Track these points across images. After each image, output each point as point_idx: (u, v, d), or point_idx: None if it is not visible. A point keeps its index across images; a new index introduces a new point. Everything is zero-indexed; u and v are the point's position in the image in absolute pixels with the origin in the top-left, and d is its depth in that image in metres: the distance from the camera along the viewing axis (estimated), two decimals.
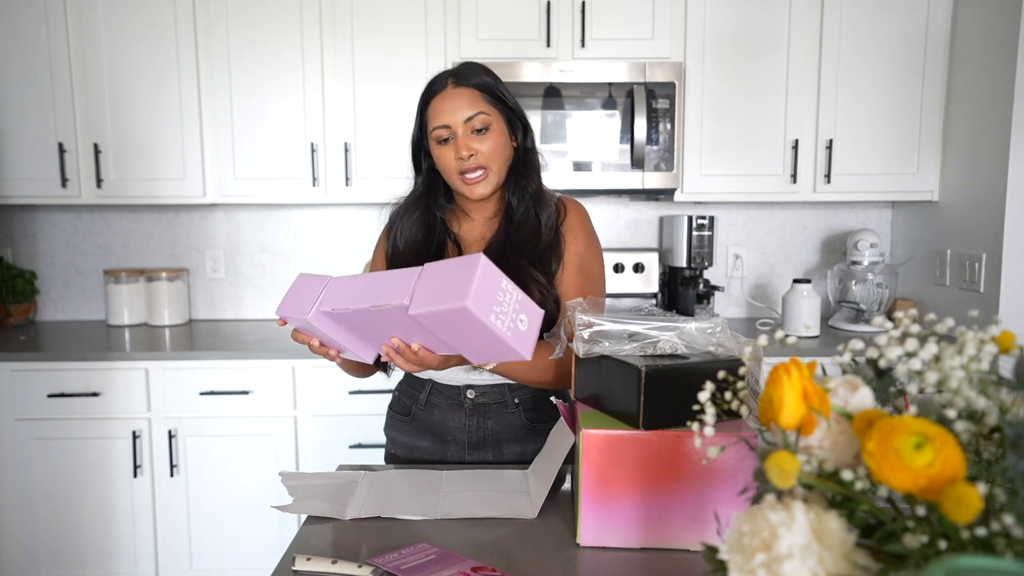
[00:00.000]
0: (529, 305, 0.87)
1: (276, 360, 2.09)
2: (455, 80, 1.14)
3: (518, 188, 1.19)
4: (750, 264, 2.68)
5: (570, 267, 1.19)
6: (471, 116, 1.12)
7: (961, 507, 0.40)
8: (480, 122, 1.13)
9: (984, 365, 0.49)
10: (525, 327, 0.85)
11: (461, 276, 0.81)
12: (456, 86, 1.14)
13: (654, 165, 2.24)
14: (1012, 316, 2.00)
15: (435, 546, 0.85)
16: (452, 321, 0.81)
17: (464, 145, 1.12)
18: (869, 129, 2.31)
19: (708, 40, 2.27)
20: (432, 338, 0.88)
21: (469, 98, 1.13)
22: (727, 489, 0.81)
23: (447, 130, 1.13)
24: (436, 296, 0.81)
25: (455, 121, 1.12)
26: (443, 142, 1.15)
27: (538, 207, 1.19)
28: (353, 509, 0.94)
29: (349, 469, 1.14)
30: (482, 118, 1.13)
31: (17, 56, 2.23)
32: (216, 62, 2.26)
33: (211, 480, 2.12)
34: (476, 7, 2.24)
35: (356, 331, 0.93)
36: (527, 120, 1.21)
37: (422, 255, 1.19)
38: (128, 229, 2.63)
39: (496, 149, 1.14)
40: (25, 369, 2.06)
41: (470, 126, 1.12)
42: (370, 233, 2.63)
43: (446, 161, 1.15)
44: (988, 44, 2.08)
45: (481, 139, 1.13)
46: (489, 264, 0.84)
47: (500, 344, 0.83)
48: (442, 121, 1.13)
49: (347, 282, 0.92)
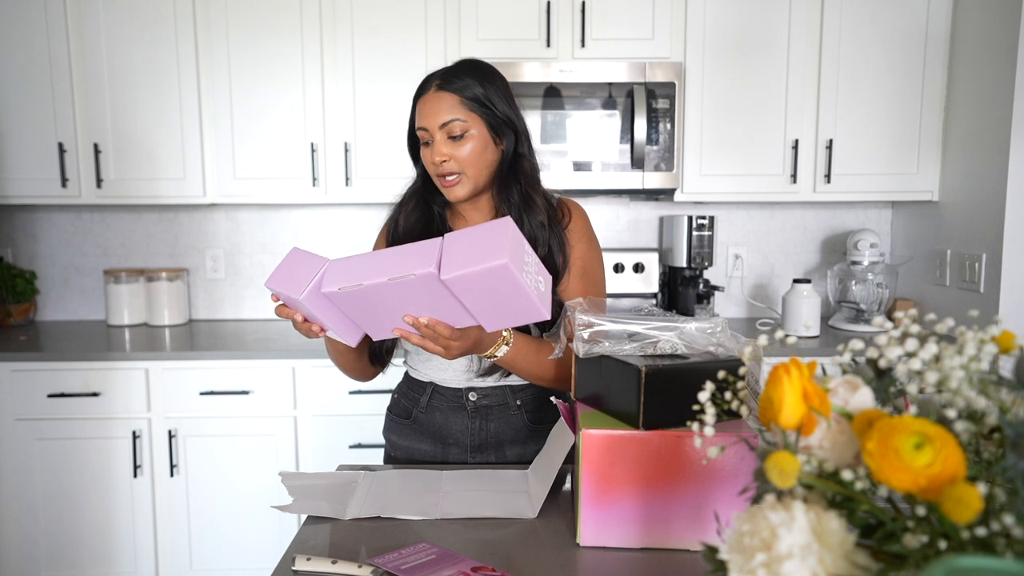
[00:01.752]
0: (543, 269, 0.91)
1: (276, 360, 2.09)
2: (439, 83, 1.14)
3: (501, 194, 1.18)
4: (750, 264, 2.68)
5: (574, 271, 1.19)
6: (446, 122, 1.12)
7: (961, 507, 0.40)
8: (457, 128, 1.12)
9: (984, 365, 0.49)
10: (544, 288, 0.89)
11: (493, 238, 0.84)
12: (438, 90, 1.13)
13: (654, 165, 2.24)
14: (1012, 316, 2.00)
15: (435, 546, 0.85)
16: (485, 283, 0.83)
17: (438, 150, 1.12)
18: (869, 129, 2.30)
19: (708, 40, 2.27)
20: (452, 309, 0.89)
21: (448, 103, 1.12)
22: (727, 489, 0.81)
23: (425, 133, 1.14)
24: (469, 259, 0.82)
25: (432, 125, 1.13)
26: (424, 143, 1.16)
27: (527, 214, 1.16)
28: (353, 509, 0.94)
29: (349, 469, 1.14)
30: (459, 124, 1.12)
31: (17, 56, 2.23)
32: (216, 62, 2.26)
33: (211, 480, 2.12)
34: (476, 7, 2.24)
35: (355, 312, 0.93)
36: (519, 125, 1.18)
37: None
38: (128, 229, 2.63)
39: (472, 155, 1.13)
40: (25, 369, 2.06)
41: (446, 131, 1.12)
42: (370, 233, 2.63)
43: (426, 162, 1.16)
44: (988, 44, 2.08)
45: (456, 144, 1.13)
46: (515, 226, 0.87)
47: (527, 304, 0.86)
48: (421, 123, 1.14)
49: (350, 261, 0.91)
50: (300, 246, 2.64)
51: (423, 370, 1.25)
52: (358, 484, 1.03)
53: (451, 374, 1.21)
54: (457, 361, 1.20)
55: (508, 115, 1.16)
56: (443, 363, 1.21)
